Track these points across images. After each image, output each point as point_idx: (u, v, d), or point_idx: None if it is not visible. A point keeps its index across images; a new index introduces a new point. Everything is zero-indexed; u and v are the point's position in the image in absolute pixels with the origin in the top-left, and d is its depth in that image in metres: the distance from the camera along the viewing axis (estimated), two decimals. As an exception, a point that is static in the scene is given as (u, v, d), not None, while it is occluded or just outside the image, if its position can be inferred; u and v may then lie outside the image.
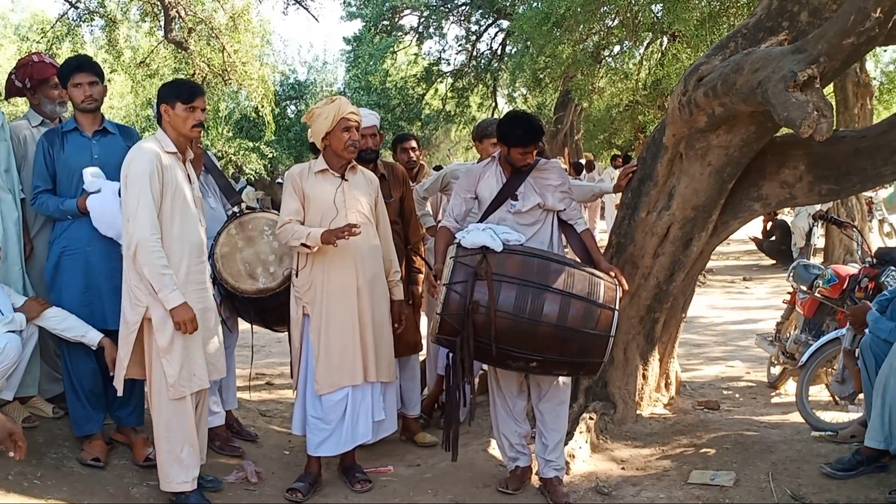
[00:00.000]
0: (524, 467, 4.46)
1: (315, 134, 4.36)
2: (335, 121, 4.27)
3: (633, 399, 5.29)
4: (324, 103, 4.39)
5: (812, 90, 3.47)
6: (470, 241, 4.03)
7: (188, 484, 3.98)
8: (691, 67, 4.55)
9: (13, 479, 3.87)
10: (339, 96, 4.52)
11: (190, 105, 3.96)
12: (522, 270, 3.95)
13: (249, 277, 4.61)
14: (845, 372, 4.89)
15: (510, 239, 4.11)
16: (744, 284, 12.25)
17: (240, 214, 4.76)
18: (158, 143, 3.95)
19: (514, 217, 4.30)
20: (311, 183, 4.36)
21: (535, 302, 3.88)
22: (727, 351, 8.07)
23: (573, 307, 3.89)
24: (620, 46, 13.69)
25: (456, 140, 28.35)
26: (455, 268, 3.96)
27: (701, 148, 4.57)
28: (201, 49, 11.91)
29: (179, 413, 3.94)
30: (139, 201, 3.77)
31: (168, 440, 3.94)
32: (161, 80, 13.26)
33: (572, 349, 3.92)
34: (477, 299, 3.89)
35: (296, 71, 19.95)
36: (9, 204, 4.41)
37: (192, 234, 3.99)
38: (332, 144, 4.33)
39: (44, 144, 4.33)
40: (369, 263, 4.41)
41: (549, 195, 4.30)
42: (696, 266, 5.21)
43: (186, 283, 3.92)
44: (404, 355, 5.19)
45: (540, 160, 4.39)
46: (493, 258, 3.97)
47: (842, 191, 4.74)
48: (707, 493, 4.23)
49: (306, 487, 4.40)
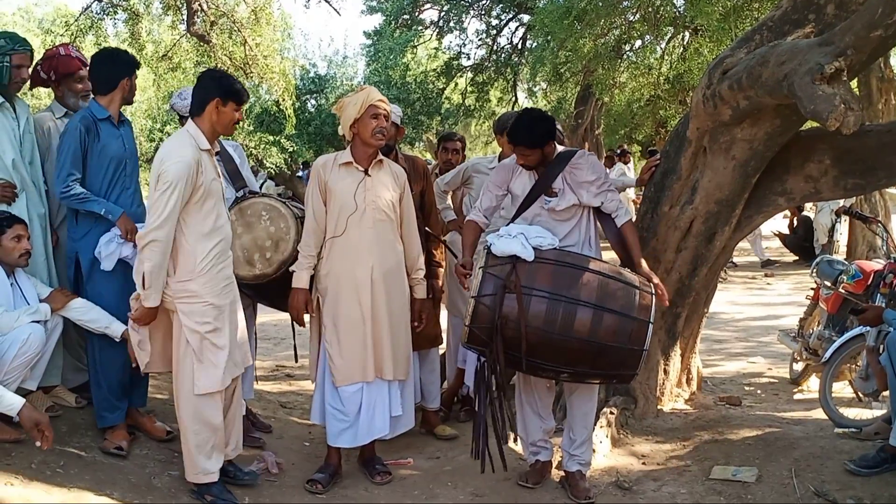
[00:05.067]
0: (545, 462, 4.45)
1: (344, 122, 4.33)
2: (364, 107, 4.26)
3: (655, 394, 5.27)
4: (352, 92, 4.41)
5: (839, 83, 3.43)
6: (500, 250, 3.94)
7: (213, 475, 4.00)
8: (716, 60, 4.52)
9: (36, 467, 3.90)
10: (368, 86, 4.52)
11: (241, 106, 3.97)
12: (553, 282, 3.87)
13: (247, 264, 4.59)
14: (869, 369, 4.86)
15: (543, 244, 4.01)
16: (765, 280, 12.16)
17: (241, 199, 4.74)
18: (193, 139, 3.88)
19: (549, 214, 4.23)
20: (333, 175, 4.33)
21: (567, 316, 3.81)
22: (749, 347, 8.02)
23: (605, 321, 3.81)
24: (642, 41, 13.60)
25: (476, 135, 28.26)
26: (484, 279, 3.89)
27: (725, 142, 4.53)
28: (223, 42, 11.93)
29: (208, 407, 3.95)
30: (168, 202, 3.73)
31: (194, 431, 3.95)
32: (183, 74, 13.33)
33: (604, 363, 3.87)
34: (506, 313, 3.83)
35: (316, 65, 19.93)
36: (34, 196, 4.43)
37: (224, 229, 4.01)
38: (360, 132, 4.30)
39: (80, 130, 4.22)
40: (385, 258, 4.37)
41: (584, 192, 4.20)
42: (718, 261, 5.17)
43: (219, 279, 3.95)
44: (424, 348, 5.19)
45: (573, 152, 4.30)
46: (524, 268, 3.89)
47: (867, 185, 4.70)
48: (729, 489, 4.21)
49: (326, 479, 4.41)
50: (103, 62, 4.43)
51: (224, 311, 3.96)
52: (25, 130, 4.45)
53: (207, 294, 3.88)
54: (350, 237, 4.30)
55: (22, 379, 4.00)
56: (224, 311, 3.96)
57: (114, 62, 4.42)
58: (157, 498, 4.00)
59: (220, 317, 3.93)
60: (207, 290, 3.88)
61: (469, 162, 5.85)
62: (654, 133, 18.92)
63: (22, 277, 4.21)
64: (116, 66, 4.39)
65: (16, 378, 3.91)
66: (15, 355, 3.86)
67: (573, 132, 18.34)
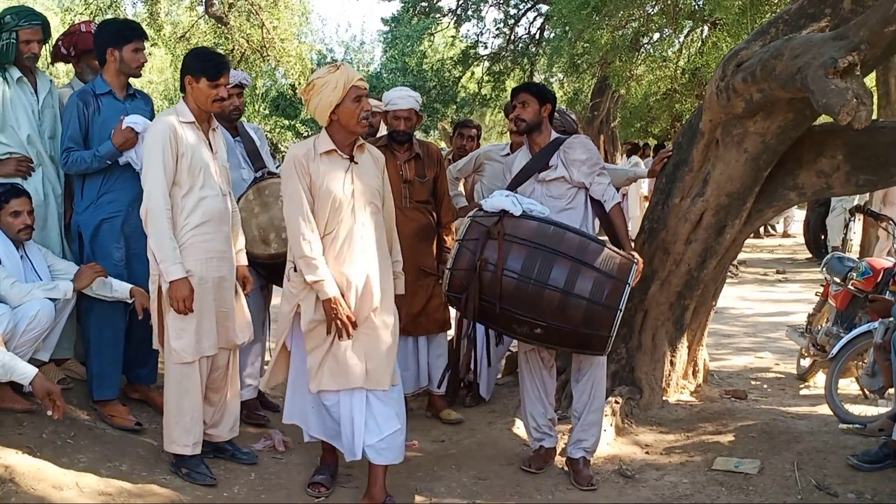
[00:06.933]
0: (549, 448, 4.48)
1: (321, 108, 3.77)
2: (345, 90, 3.72)
3: (660, 385, 5.29)
4: (326, 71, 3.78)
5: (852, 77, 3.44)
6: (491, 205, 4.06)
7: (189, 448, 4.01)
8: (731, 53, 4.52)
9: (47, 437, 3.96)
10: (342, 62, 4.03)
11: (215, 82, 3.93)
12: (536, 235, 3.95)
13: (262, 243, 4.59)
14: (875, 366, 4.85)
15: (534, 210, 4.10)
16: (776, 277, 12.12)
17: (260, 179, 4.75)
18: (176, 113, 3.95)
19: (542, 188, 4.33)
20: (317, 166, 3.78)
21: (544, 265, 3.87)
22: (756, 342, 8.01)
23: (582, 275, 3.86)
24: (660, 33, 13.53)
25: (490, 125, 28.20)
26: (470, 226, 4.01)
27: (737, 134, 4.54)
28: (241, 25, 12.01)
29: (185, 377, 3.96)
30: (153, 172, 3.81)
31: (174, 402, 3.99)
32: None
33: (577, 318, 3.86)
34: (486, 257, 3.91)
35: (333, 50, 20.06)
36: (51, 170, 4.48)
37: (210, 202, 3.96)
38: (342, 119, 3.77)
39: (78, 105, 4.27)
40: (375, 256, 3.89)
41: (574, 170, 4.30)
42: (728, 254, 5.18)
43: (201, 250, 3.93)
44: (433, 333, 5.23)
45: (568, 137, 4.42)
46: (510, 221, 3.98)
47: (879, 181, 4.70)
48: (731, 480, 4.23)
49: (328, 479, 4.17)
50: (95, 34, 4.46)
51: (207, 283, 3.95)
52: (46, 105, 4.49)
53: (188, 262, 3.87)
54: (340, 234, 3.80)
55: (35, 350, 4.04)
56: (207, 283, 3.95)
57: (100, 33, 4.42)
58: (165, 471, 4.06)
59: (201, 286, 3.91)
60: (188, 259, 3.87)
61: (481, 149, 5.87)
62: (669, 127, 18.87)
63: (33, 250, 4.22)
64: (101, 37, 4.38)
65: (26, 351, 3.95)
66: (24, 330, 3.89)
67: (589, 124, 18.28)
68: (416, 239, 5.03)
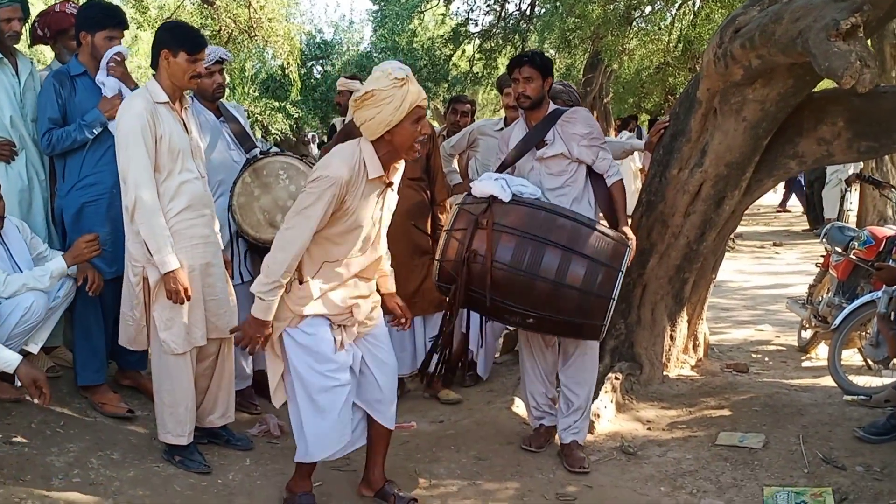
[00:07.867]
0: (549, 426, 4.41)
1: (374, 123, 3.26)
2: (408, 109, 3.25)
3: (660, 360, 5.22)
4: (391, 85, 3.22)
5: (855, 39, 3.33)
6: (479, 190, 3.95)
7: (183, 438, 3.92)
8: (728, 19, 4.41)
9: (36, 426, 3.89)
10: (406, 76, 3.28)
11: (194, 56, 3.73)
12: (526, 222, 3.83)
13: (269, 226, 4.44)
14: (879, 336, 4.79)
15: (524, 192, 3.99)
16: (773, 250, 12.08)
17: (253, 161, 4.58)
18: (148, 93, 3.71)
19: (540, 165, 4.21)
20: (357, 193, 3.31)
21: (534, 255, 3.77)
22: (756, 315, 7.96)
23: (574, 264, 3.75)
24: (652, 6, 13.43)
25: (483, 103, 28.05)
26: (458, 214, 3.90)
27: (736, 102, 4.43)
28: (227, 5, 11.82)
29: (175, 368, 3.85)
30: (133, 159, 3.60)
31: (165, 393, 3.88)
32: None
33: (569, 308, 3.78)
34: (475, 248, 3.81)
35: (322, 30, 19.77)
36: (34, 154, 4.38)
37: (191, 186, 3.80)
38: (397, 140, 3.30)
39: (55, 85, 4.16)
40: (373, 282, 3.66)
41: (574, 145, 4.17)
42: (727, 226, 5.10)
43: (185, 237, 3.76)
44: (429, 313, 5.15)
45: (567, 109, 4.29)
46: (499, 208, 3.87)
47: (881, 148, 4.61)
48: (735, 455, 4.17)
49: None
50: (77, 14, 4.36)
51: (194, 270, 3.79)
52: (27, 87, 4.38)
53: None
54: (351, 262, 3.47)
55: (25, 342, 3.92)
56: (194, 271, 3.79)
57: (79, 14, 4.32)
58: (158, 459, 3.98)
59: (188, 274, 3.74)
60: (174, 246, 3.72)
61: (475, 124, 5.79)
62: (663, 101, 18.74)
63: (10, 236, 4.01)
64: (79, 18, 4.28)
65: (17, 345, 3.81)
66: (17, 322, 3.76)
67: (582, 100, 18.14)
68: (410, 217, 4.92)
